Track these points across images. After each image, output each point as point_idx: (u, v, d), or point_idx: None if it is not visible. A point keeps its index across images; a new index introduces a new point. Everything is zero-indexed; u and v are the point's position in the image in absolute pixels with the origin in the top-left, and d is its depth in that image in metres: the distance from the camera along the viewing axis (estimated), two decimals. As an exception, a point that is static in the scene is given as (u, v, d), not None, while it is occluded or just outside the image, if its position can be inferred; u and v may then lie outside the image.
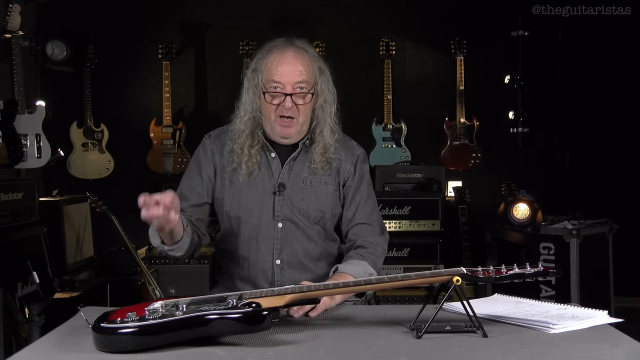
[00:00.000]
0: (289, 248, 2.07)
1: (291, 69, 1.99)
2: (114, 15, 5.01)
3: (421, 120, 5.11)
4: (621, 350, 1.41)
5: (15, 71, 4.04)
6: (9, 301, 3.00)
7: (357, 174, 2.15)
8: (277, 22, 5.10)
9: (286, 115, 2.00)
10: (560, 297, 3.91)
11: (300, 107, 2.01)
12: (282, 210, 2.06)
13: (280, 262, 2.07)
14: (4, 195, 3.43)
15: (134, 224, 4.76)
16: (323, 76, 2.07)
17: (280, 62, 2.00)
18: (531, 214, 4.05)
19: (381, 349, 1.45)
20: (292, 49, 2.03)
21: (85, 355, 1.43)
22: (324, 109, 2.07)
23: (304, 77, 2.00)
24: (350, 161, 2.15)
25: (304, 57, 2.02)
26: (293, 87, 1.99)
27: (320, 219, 2.09)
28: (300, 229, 2.07)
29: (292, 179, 2.08)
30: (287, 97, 1.99)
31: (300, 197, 2.07)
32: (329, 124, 2.07)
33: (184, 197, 2.09)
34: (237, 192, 2.08)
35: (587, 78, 5.00)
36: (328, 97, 2.07)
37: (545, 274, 1.57)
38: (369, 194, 2.18)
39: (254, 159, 2.06)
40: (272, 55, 2.02)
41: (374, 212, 2.18)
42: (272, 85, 2.00)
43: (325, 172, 2.09)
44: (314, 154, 2.08)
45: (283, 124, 2.02)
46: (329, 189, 2.10)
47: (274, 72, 1.99)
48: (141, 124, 5.05)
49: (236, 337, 1.51)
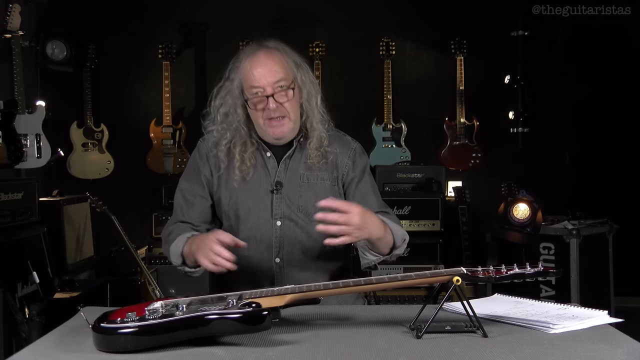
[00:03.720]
0: (289, 246, 2.07)
1: (266, 70, 1.97)
2: (114, 15, 5.02)
3: (421, 120, 5.12)
4: (621, 350, 1.41)
5: (15, 71, 4.04)
6: (9, 301, 3.00)
7: (356, 166, 2.14)
8: (277, 22, 5.11)
9: (274, 116, 1.99)
10: (560, 297, 3.91)
11: (286, 104, 2.00)
12: (280, 208, 2.06)
13: (280, 261, 2.07)
14: (4, 195, 3.43)
15: (134, 224, 4.82)
16: (301, 69, 2.05)
17: (253, 66, 1.98)
18: (531, 214, 4.05)
19: (381, 349, 1.45)
20: (263, 50, 2.01)
21: (85, 355, 1.43)
22: (309, 101, 2.06)
23: (280, 75, 1.98)
24: (347, 154, 2.14)
25: (276, 55, 2.00)
26: (273, 87, 1.97)
27: None
28: (300, 227, 2.07)
29: (288, 177, 2.08)
30: (270, 99, 1.97)
31: (298, 194, 2.07)
32: (317, 114, 2.07)
33: (189, 203, 2.11)
34: (234, 192, 2.08)
35: (587, 78, 5.00)
36: (311, 88, 2.06)
37: (545, 274, 1.57)
38: (373, 184, 2.17)
39: (248, 162, 2.06)
40: (245, 62, 2.00)
41: (381, 200, 2.15)
42: (252, 91, 1.99)
43: (322, 167, 2.09)
44: (309, 149, 2.07)
45: (273, 125, 2.01)
46: (326, 185, 2.10)
47: (250, 78, 1.98)
48: (141, 124, 5.05)
49: (236, 337, 1.51)
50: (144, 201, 5.05)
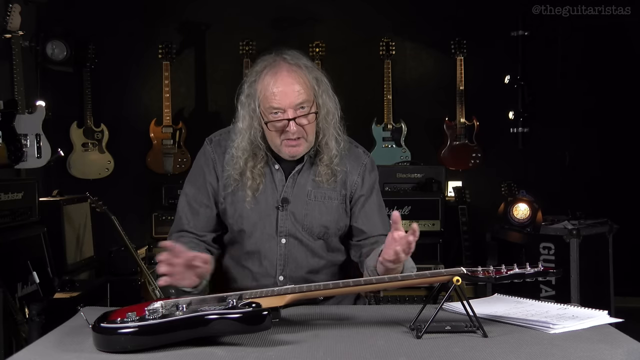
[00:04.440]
0: (293, 264, 2.03)
1: (289, 90, 1.88)
2: (114, 15, 5.01)
3: (421, 120, 5.11)
4: (621, 350, 1.41)
5: (15, 71, 4.04)
6: (9, 301, 3.00)
7: (365, 184, 2.10)
8: (277, 22, 5.10)
9: (292, 137, 1.92)
10: (560, 297, 3.91)
11: (306, 127, 1.92)
12: (285, 225, 2.02)
13: (284, 279, 2.03)
14: (4, 195, 3.43)
15: (134, 224, 4.82)
16: (322, 87, 1.97)
17: (275, 85, 1.88)
18: (531, 214, 4.04)
19: (381, 349, 1.45)
20: (285, 67, 1.91)
21: (85, 355, 1.43)
22: (327, 120, 1.99)
23: (303, 97, 1.90)
24: (357, 172, 2.09)
25: (299, 73, 1.91)
26: (295, 110, 1.89)
27: (323, 234, 2.04)
28: (304, 245, 2.03)
29: (295, 193, 2.02)
30: (291, 122, 1.89)
31: (304, 212, 2.02)
32: (333, 134, 2.00)
33: (194, 211, 2.06)
34: (240, 206, 2.02)
35: (587, 78, 5.00)
36: (330, 106, 1.99)
37: (545, 274, 1.57)
38: (380, 204, 2.14)
39: (258, 180, 2.00)
40: (265, 78, 1.90)
41: (387, 221, 2.12)
42: (272, 112, 1.90)
43: (330, 185, 2.03)
44: (319, 165, 2.02)
45: (290, 145, 1.94)
46: (333, 204, 2.05)
47: (271, 99, 1.89)
48: (141, 124, 5.05)
49: (236, 337, 1.51)
50: (144, 201, 5.05)
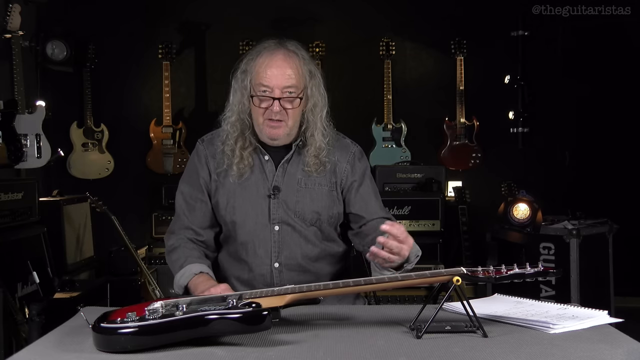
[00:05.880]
0: (287, 251, 2.06)
1: (280, 72, 1.97)
2: (114, 15, 5.01)
3: (421, 120, 5.11)
4: (621, 350, 1.41)
5: (15, 71, 4.04)
6: (9, 301, 3.00)
7: (355, 170, 2.13)
8: (277, 22, 5.11)
9: (274, 118, 1.99)
10: (560, 297, 3.91)
11: (289, 110, 2.00)
12: (277, 213, 2.06)
13: (279, 265, 2.06)
14: (4, 195, 3.43)
15: (134, 224, 4.82)
16: (313, 80, 2.05)
17: (269, 66, 1.97)
18: (531, 214, 4.05)
19: (381, 349, 1.45)
20: (282, 51, 2.00)
21: (85, 355, 1.43)
22: (314, 113, 2.05)
23: (292, 82, 1.98)
24: (345, 160, 2.13)
25: (294, 60, 2.00)
26: (281, 91, 1.97)
27: (316, 221, 2.08)
28: (297, 231, 2.06)
29: (286, 181, 2.07)
30: (275, 101, 1.97)
31: (295, 199, 2.06)
32: (320, 127, 2.06)
33: (190, 207, 2.11)
34: (232, 196, 2.07)
35: (587, 78, 5.00)
36: (318, 100, 2.05)
37: (545, 274, 1.57)
38: (375, 189, 2.17)
39: (246, 161, 2.05)
40: (262, 57, 1.99)
41: (384, 206, 2.16)
42: (260, 88, 1.98)
43: (320, 174, 2.08)
44: (307, 156, 2.06)
45: (271, 125, 2.00)
46: (324, 190, 2.09)
47: (262, 76, 1.97)
48: (141, 124, 5.05)
49: (236, 337, 1.51)
50: (144, 201, 5.05)
